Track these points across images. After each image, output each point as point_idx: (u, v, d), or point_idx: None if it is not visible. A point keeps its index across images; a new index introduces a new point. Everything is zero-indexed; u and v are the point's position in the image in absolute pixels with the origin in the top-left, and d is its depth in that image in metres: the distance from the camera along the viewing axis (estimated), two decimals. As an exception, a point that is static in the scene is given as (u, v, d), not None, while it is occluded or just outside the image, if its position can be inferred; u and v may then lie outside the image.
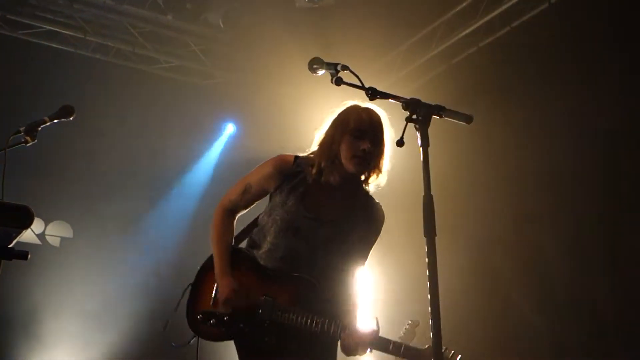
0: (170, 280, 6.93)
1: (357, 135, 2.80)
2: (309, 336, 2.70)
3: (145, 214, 7.29)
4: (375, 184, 2.92)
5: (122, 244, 7.04)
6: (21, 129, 2.91)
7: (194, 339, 2.86)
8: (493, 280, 6.16)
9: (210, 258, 2.92)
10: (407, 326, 5.26)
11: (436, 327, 1.92)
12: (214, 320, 2.76)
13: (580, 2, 5.90)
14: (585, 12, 5.82)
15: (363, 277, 2.94)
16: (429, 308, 1.94)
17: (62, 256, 6.93)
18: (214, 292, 2.83)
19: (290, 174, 2.88)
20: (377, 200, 2.98)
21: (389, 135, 2.85)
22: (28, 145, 2.94)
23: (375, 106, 2.85)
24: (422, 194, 2.08)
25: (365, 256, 2.96)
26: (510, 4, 6.41)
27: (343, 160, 2.81)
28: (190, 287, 2.93)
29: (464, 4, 6.72)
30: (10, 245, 2.39)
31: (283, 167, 2.90)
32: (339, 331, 2.66)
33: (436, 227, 2.04)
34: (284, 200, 2.85)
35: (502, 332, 5.92)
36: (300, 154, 2.94)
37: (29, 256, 2.35)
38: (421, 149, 2.13)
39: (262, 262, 2.83)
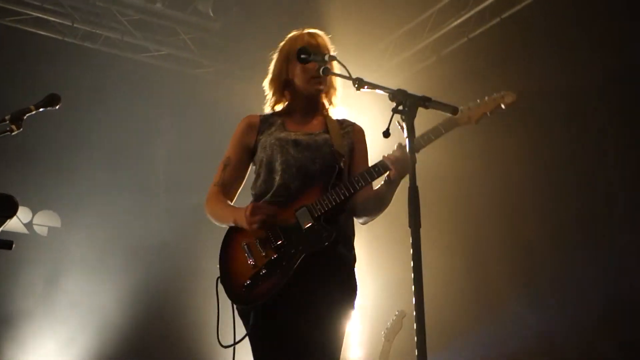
0: (160, 270, 6.94)
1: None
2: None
3: (134, 205, 7.23)
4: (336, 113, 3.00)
5: (110, 235, 7.00)
6: (6, 117, 2.88)
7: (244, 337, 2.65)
8: (479, 272, 6.20)
9: (224, 247, 2.79)
10: (395, 316, 5.29)
11: (420, 317, 1.93)
12: (264, 271, 2.62)
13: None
14: (572, 4, 5.85)
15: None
16: (413, 299, 1.95)
17: (50, 245, 6.89)
18: (247, 256, 2.68)
19: (262, 122, 2.95)
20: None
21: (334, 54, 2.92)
22: (13, 133, 2.91)
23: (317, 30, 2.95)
24: (408, 185, 2.10)
25: (365, 159, 2.94)
26: (500, -5, 6.45)
27: (301, 85, 2.87)
28: (219, 280, 2.74)
29: (455, -5, 6.74)
30: (-6, 235, 2.39)
31: (253, 120, 2.97)
32: (382, 165, 2.64)
33: (421, 219, 2.06)
34: (269, 133, 2.88)
35: (488, 323, 5.96)
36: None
37: (14, 245, 2.35)
38: (407, 140, 2.15)
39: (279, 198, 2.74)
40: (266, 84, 3.02)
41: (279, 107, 3.01)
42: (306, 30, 2.95)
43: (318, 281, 2.65)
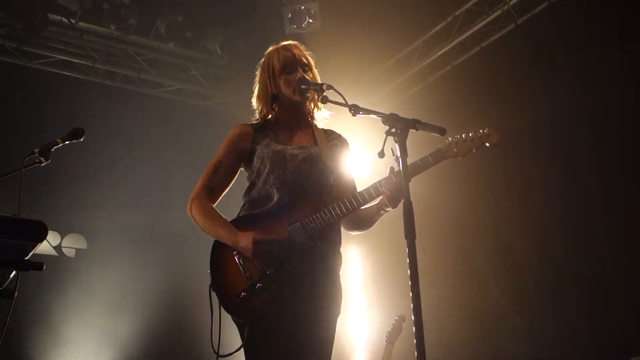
0: (183, 289, 6.85)
1: (289, 71, 2.77)
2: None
3: (154, 228, 7.18)
4: (323, 118, 2.91)
5: (132, 255, 6.97)
6: (36, 150, 2.88)
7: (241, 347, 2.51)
8: (474, 279, 6.16)
9: (214, 252, 2.65)
10: (395, 321, 5.24)
11: (418, 323, 1.91)
12: (259, 284, 2.49)
13: (541, 24, 5.98)
14: (546, 33, 5.91)
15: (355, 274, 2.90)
16: (411, 305, 1.93)
17: (77, 266, 6.87)
18: (240, 267, 2.55)
19: (255, 131, 2.82)
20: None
21: (312, 60, 2.87)
22: (42, 165, 2.90)
23: (290, 41, 2.89)
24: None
25: (349, 171, 2.89)
26: (479, 26, 6.51)
27: (288, 96, 2.77)
28: (211, 288, 2.58)
29: (439, 27, 6.80)
30: (26, 258, 2.37)
31: (246, 128, 2.84)
32: (376, 189, 2.59)
33: (422, 233, 2.05)
34: (265, 144, 2.75)
35: (482, 329, 5.91)
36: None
37: (44, 267, 2.33)
38: (400, 159, 2.15)
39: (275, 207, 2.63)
40: (254, 100, 2.90)
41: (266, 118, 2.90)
42: (281, 44, 2.88)
43: (311, 293, 2.55)
